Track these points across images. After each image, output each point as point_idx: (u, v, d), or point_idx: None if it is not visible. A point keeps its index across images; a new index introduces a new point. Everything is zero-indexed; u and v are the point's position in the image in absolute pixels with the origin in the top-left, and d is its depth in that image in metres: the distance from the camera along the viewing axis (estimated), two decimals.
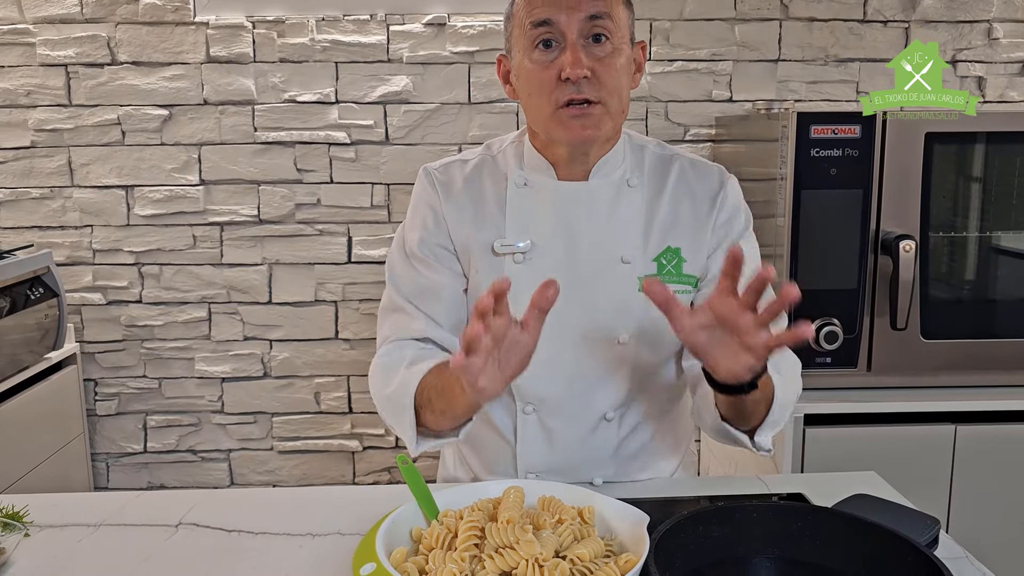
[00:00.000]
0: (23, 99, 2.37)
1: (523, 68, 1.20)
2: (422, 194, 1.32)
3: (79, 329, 2.47)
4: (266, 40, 2.36)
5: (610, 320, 1.24)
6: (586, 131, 1.18)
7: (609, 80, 1.16)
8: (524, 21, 1.18)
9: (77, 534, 1.13)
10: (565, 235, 1.25)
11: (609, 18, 1.16)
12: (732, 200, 1.29)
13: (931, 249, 1.87)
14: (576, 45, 1.15)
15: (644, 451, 1.32)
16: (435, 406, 1.13)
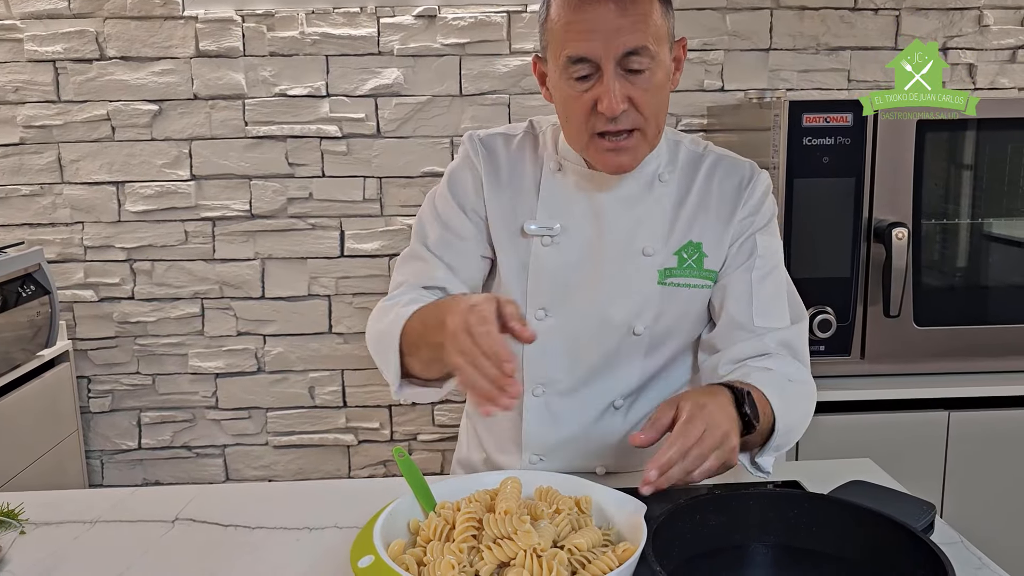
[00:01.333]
0: (11, 95, 2.35)
1: (559, 88, 1.17)
2: (465, 159, 1.31)
3: (71, 326, 2.46)
4: (256, 34, 2.34)
5: (627, 310, 1.24)
6: (622, 161, 1.18)
7: (648, 107, 1.14)
8: (560, 50, 1.14)
9: (73, 531, 1.13)
10: (593, 223, 1.25)
11: (646, 50, 1.11)
12: (759, 194, 1.27)
13: (923, 236, 1.88)
14: (612, 78, 1.11)
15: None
16: (420, 353, 1.12)
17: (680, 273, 1.25)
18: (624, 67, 1.11)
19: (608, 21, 1.09)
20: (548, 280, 1.25)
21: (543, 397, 1.28)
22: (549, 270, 1.25)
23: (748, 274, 1.23)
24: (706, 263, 1.25)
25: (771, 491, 0.95)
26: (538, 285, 1.25)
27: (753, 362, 1.18)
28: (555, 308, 1.25)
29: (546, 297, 1.25)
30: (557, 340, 1.25)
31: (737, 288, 1.23)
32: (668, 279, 1.25)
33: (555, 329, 1.25)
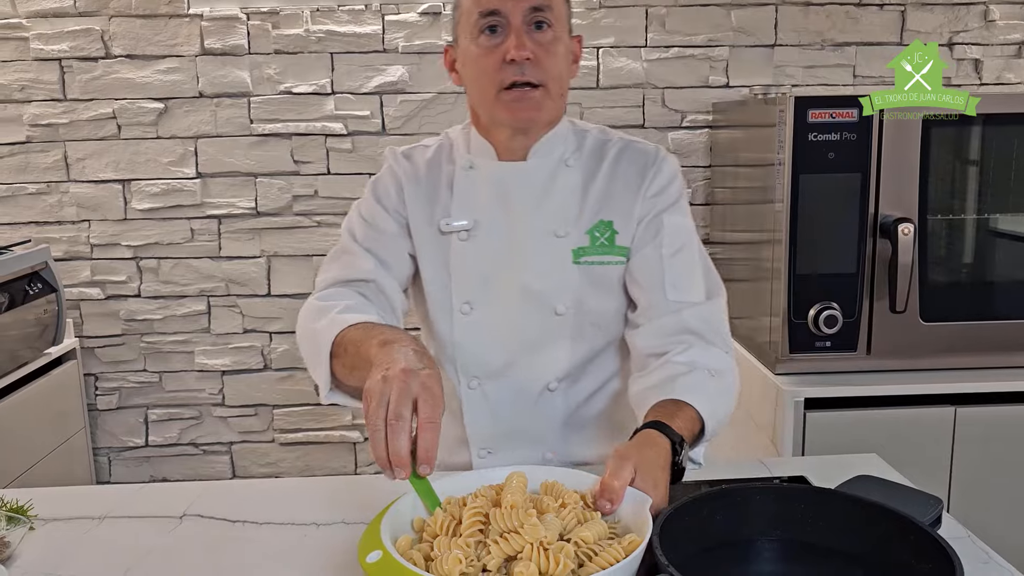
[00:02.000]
0: (17, 94, 2.36)
1: (469, 53, 1.25)
2: (387, 170, 1.38)
3: (78, 324, 2.47)
4: (261, 32, 2.35)
5: (547, 291, 1.29)
6: (527, 112, 1.24)
7: (550, 65, 1.23)
8: (472, 10, 1.23)
9: (82, 527, 1.14)
10: (505, 213, 1.31)
11: (550, 9, 1.23)
12: (665, 174, 1.32)
13: (929, 232, 1.87)
14: (520, 30, 1.21)
15: (592, 425, 1.35)
16: (347, 361, 1.11)
17: (593, 251, 1.29)
18: (529, 22, 1.21)
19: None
20: (469, 274, 1.31)
21: (478, 389, 1.33)
22: (469, 265, 1.30)
23: (657, 251, 1.28)
24: (618, 239, 1.30)
25: (778, 486, 0.95)
26: (460, 280, 1.31)
27: (676, 355, 1.21)
28: (478, 301, 1.30)
29: (469, 291, 1.30)
30: (484, 330, 1.30)
31: (647, 264, 1.28)
32: (582, 258, 1.29)
33: (481, 321, 1.30)
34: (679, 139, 2.45)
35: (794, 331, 1.86)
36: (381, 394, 0.90)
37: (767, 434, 1.96)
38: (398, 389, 0.90)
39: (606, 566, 0.80)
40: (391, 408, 0.89)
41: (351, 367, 1.10)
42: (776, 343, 1.88)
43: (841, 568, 0.88)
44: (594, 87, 2.42)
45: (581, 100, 2.42)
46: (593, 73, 2.41)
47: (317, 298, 1.27)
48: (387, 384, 0.91)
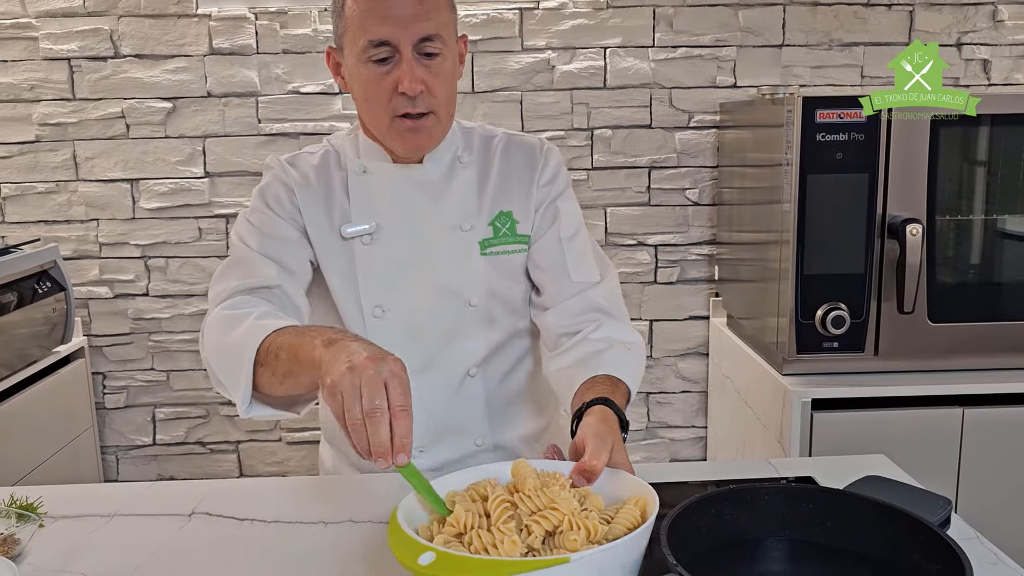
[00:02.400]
0: (27, 93, 2.37)
1: (358, 74, 1.22)
2: (274, 178, 1.33)
3: (86, 323, 2.48)
4: (269, 31, 2.35)
5: (458, 285, 1.31)
6: (419, 140, 1.25)
7: (441, 91, 1.23)
8: (359, 35, 1.19)
9: (91, 524, 1.14)
10: (406, 214, 1.31)
11: (439, 37, 1.20)
12: (552, 164, 1.37)
13: (938, 233, 1.87)
14: (411, 61, 1.19)
15: (512, 405, 1.39)
16: (279, 367, 1.04)
17: (498, 241, 1.33)
18: (420, 51, 1.20)
19: (406, 7, 1.18)
20: (377, 278, 1.30)
21: None
22: (376, 268, 1.30)
23: (556, 235, 1.34)
24: (519, 228, 1.34)
25: (787, 486, 0.95)
26: (369, 285, 1.30)
27: (591, 332, 1.28)
28: (390, 303, 1.31)
29: (379, 295, 1.30)
30: (399, 332, 1.30)
31: (549, 249, 1.34)
32: (488, 249, 1.33)
33: (395, 323, 1.31)
34: (686, 139, 2.45)
35: (801, 331, 1.85)
36: (352, 386, 0.87)
37: (774, 435, 1.96)
38: (368, 378, 0.87)
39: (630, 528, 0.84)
40: (365, 399, 0.86)
41: (284, 374, 1.03)
42: (783, 343, 1.88)
43: (849, 568, 0.88)
44: (601, 87, 2.42)
45: (588, 100, 2.42)
46: (600, 73, 2.41)
47: (223, 307, 1.19)
48: (355, 374, 0.88)
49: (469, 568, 0.75)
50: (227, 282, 1.24)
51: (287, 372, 1.03)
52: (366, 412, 0.86)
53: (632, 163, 2.45)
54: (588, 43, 2.40)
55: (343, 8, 1.22)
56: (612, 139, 2.44)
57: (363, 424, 0.86)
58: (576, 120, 2.42)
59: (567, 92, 2.41)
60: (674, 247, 2.50)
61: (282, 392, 1.08)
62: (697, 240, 2.51)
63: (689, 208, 2.49)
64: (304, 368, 1.00)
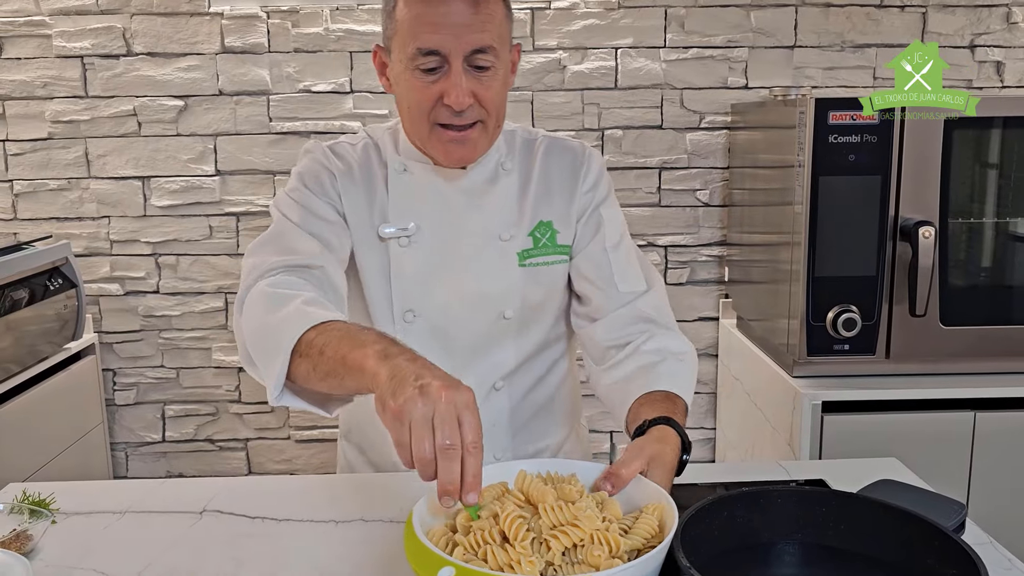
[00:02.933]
0: (40, 91, 2.38)
1: (403, 79, 1.18)
2: (315, 163, 1.28)
3: (97, 320, 2.49)
4: (280, 30, 2.36)
5: (495, 296, 1.28)
6: (463, 151, 1.21)
7: (489, 102, 1.18)
8: (409, 41, 1.14)
9: (103, 521, 1.15)
10: (446, 218, 1.28)
11: (493, 50, 1.15)
12: (595, 170, 1.34)
13: (950, 235, 1.86)
14: (460, 73, 1.14)
15: (535, 418, 1.36)
16: (322, 364, 0.97)
17: (537, 252, 1.30)
18: (471, 63, 1.15)
19: (459, 16, 1.12)
20: (410, 282, 1.26)
21: None
22: (410, 272, 1.26)
23: (601, 244, 1.30)
24: (559, 239, 1.31)
25: (800, 489, 0.94)
26: (402, 288, 1.26)
27: (643, 344, 1.23)
28: (422, 308, 1.27)
29: (411, 299, 1.27)
30: (429, 338, 1.27)
31: (595, 259, 1.30)
32: (527, 260, 1.29)
33: (425, 328, 1.27)
34: (697, 140, 2.45)
35: (812, 333, 1.85)
36: (424, 418, 0.81)
37: (784, 437, 1.95)
38: (442, 412, 0.82)
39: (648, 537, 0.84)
40: (440, 434, 0.81)
41: (327, 373, 0.97)
42: (794, 345, 1.88)
43: (862, 572, 0.88)
44: (612, 87, 2.41)
45: (599, 100, 2.42)
46: (611, 73, 2.41)
47: (266, 283, 1.12)
48: (428, 404, 0.82)
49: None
50: (266, 256, 1.17)
51: (330, 372, 0.97)
52: (439, 448, 0.81)
53: (643, 164, 2.45)
54: (599, 43, 2.39)
55: (394, 9, 1.17)
56: (623, 140, 2.43)
57: (433, 460, 0.81)
58: (587, 120, 2.42)
59: (578, 92, 2.41)
60: (684, 248, 2.50)
61: (320, 388, 1.02)
62: (707, 241, 2.51)
63: (699, 209, 2.49)
64: (352, 374, 0.94)
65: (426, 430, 0.81)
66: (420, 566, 0.77)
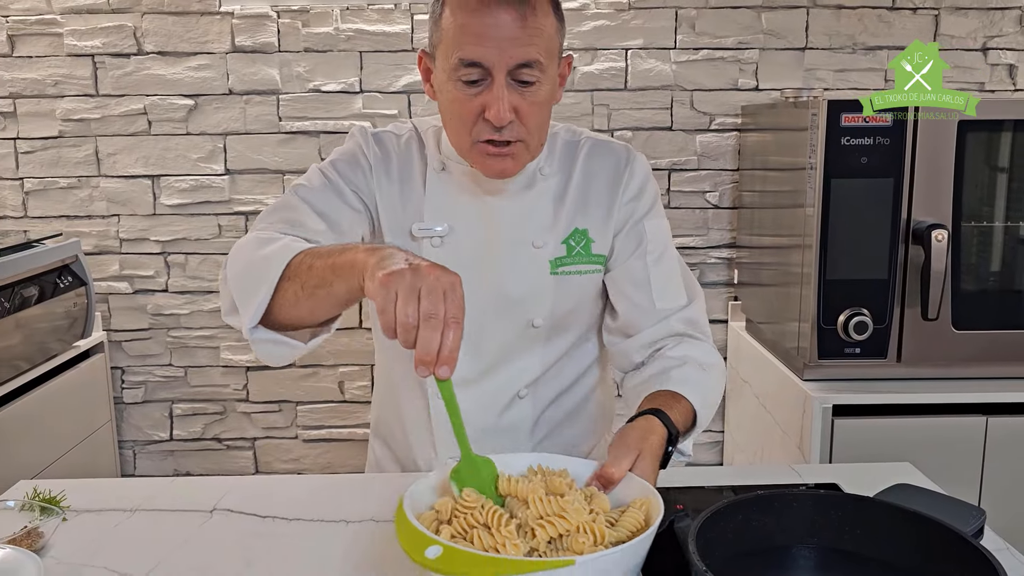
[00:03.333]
0: (51, 89, 2.38)
1: (446, 89, 1.15)
2: (356, 148, 1.28)
3: (106, 318, 2.49)
4: (291, 29, 2.36)
5: (524, 301, 1.26)
6: (502, 166, 1.18)
7: (532, 120, 1.14)
8: (452, 50, 1.12)
9: (113, 519, 1.15)
10: (480, 221, 1.26)
11: (539, 65, 1.12)
12: (638, 176, 1.30)
13: (963, 239, 1.85)
14: (503, 87, 1.10)
15: (560, 427, 1.34)
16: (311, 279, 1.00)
17: (570, 261, 1.27)
18: (514, 78, 1.11)
19: (505, 29, 1.08)
20: None
21: None
22: None
23: (642, 260, 1.26)
24: (593, 248, 1.27)
25: (816, 492, 0.94)
26: None
27: (668, 350, 1.23)
28: None
29: None
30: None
31: (634, 275, 1.27)
32: (560, 268, 1.26)
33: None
34: (707, 142, 2.44)
35: (823, 337, 1.84)
36: (411, 286, 0.83)
37: (794, 440, 1.95)
38: (430, 283, 0.84)
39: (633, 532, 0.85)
40: (425, 303, 0.83)
41: (316, 284, 0.99)
42: (805, 348, 1.87)
43: None
44: (622, 88, 2.41)
45: (609, 102, 2.41)
46: (621, 75, 2.40)
47: (257, 232, 1.16)
48: (417, 277, 0.84)
49: (474, 564, 0.76)
50: (268, 224, 1.19)
51: (319, 283, 0.99)
52: (423, 315, 0.83)
53: (652, 165, 2.41)
54: (609, 44, 2.39)
55: (440, 16, 1.14)
56: (632, 141, 2.43)
57: (416, 326, 0.83)
58: (597, 121, 2.42)
59: (588, 93, 2.41)
60: (693, 250, 2.49)
61: (303, 311, 1.03)
62: (717, 243, 2.50)
63: (709, 211, 2.48)
64: (342, 275, 0.96)
65: (412, 298, 0.83)
66: (410, 546, 0.79)
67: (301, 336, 1.10)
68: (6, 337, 1.95)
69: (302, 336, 1.11)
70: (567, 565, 0.75)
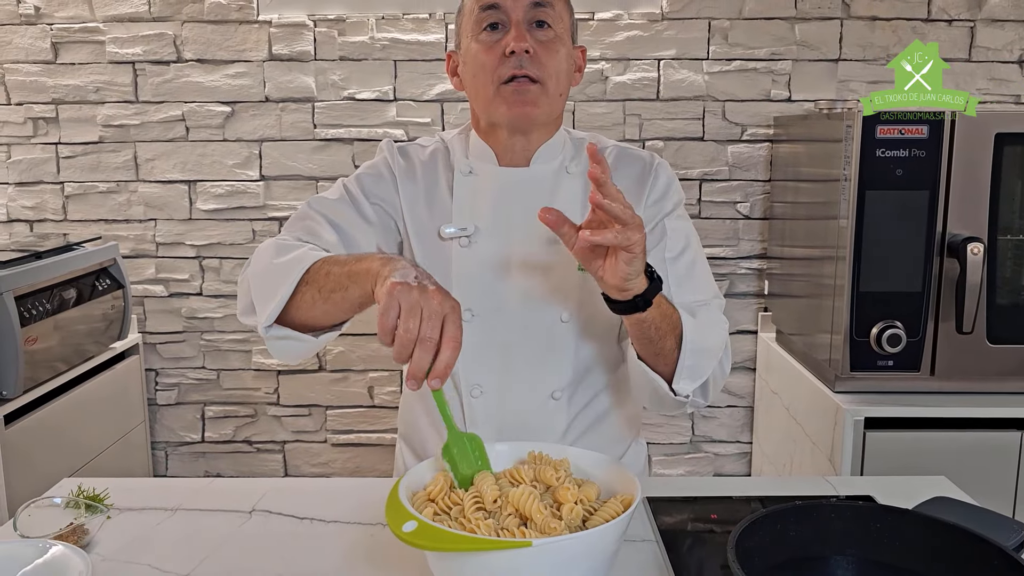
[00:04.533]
0: (92, 95, 2.43)
1: (470, 51, 1.26)
2: (382, 162, 1.36)
3: (141, 320, 2.53)
4: (327, 38, 2.39)
5: (551, 299, 1.28)
6: (525, 107, 1.24)
7: (549, 61, 1.23)
8: (474, 7, 1.25)
9: (155, 517, 1.17)
10: (507, 219, 1.29)
11: (551, 7, 1.24)
12: (662, 181, 1.33)
13: (999, 252, 1.83)
14: (520, 24, 1.22)
15: (592, 432, 1.34)
16: (327, 283, 1.07)
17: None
18: (530, 19, 1.23)
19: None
20: (471, 282, 1.28)
21: (481, 398, 1.30)
22: (470, 272, 1.28)
23: (660, 255, 1.28)
24: None
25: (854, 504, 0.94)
26: (462, 287, 1.27)
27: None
28: (481, 308, 1.28)
29: (471, 299, 1.27)
30: (487, 340, 1.28)
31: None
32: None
33: (484, 329, 1.28)
34: (739, 152, 2.44)
35: (856, 349, 1.83)
36: (415, 304, 0.91)
37: (824, 453, 1.94)
38: (433, 308, 0.91)
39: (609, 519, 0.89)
40: (424, 324, 0.90)
41: (332, 289, 1.07)
42: (837, 360, 1.86)
43: None
44: (654, 99, 2.42)
45: (641, 112, 2.42)
46: (653, 85, 2.41)
47: (277, 239, 1.23)
48: (423, 296, 0.92)
49: (441, 539, 0.83)
50: (289, 231, 1.27)
51: (335, 287, 1.07)
52: (421, 336, 0.90)
53: (683, 175, 2.45)
54: (642, 55, 2.40)
55: (462, 4, 1.29)
56: (664, 151, 2.43)
57: (413, 342, 0.90)
58: (628, 131, 2.43)
59: (620, 103, 2.42)
60: (724, 260, 2.49)
61: (319, 313, 1.10)
62: (747, 254, 2.49)
63: (740, 221, 2.48)
64: (357, 280, 1.03)
65: (414, 314, 0.90)
66: (392, 520, 0.86)
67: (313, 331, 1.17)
68: (46, 338, 1.99)
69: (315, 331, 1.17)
70: (524, 547, 0.81)
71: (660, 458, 2.59)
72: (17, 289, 1.87)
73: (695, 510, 1.17)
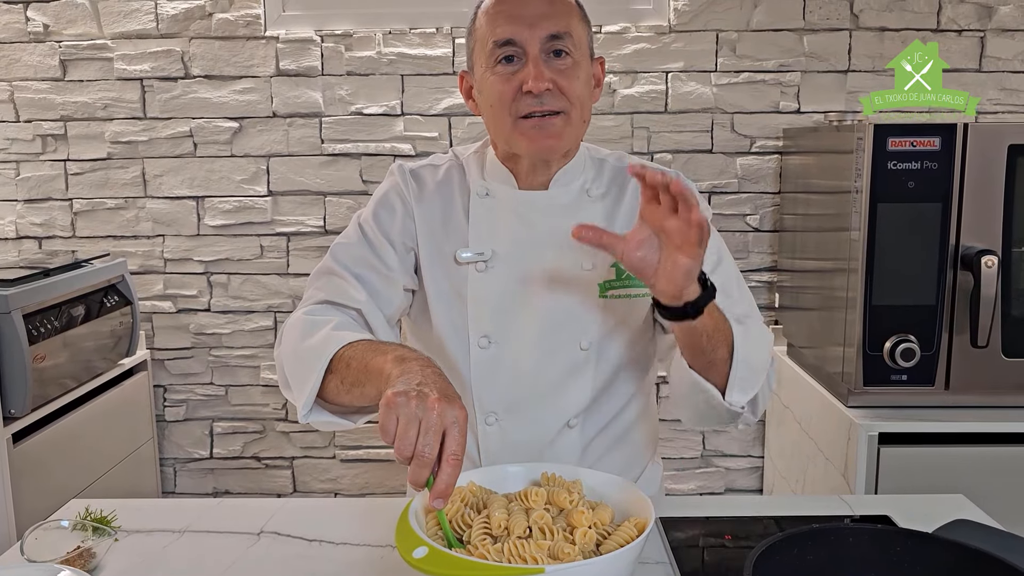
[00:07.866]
0: (100, 112, 2.44)
1: (485, 82, 1.21)
2: (394, 188, 1.32)
3: (149, 336, 2.53)
4: (334, 54, 2.39)
5: (572, 326, 1.25)
6: (548, 140, 1.20)
7: (571, 90, 1.19)
8: (487, 39, 1.20)
9: (163, 540, 1.16)
10: (526, 244, 1.26)
11: (569, 37, 1.19)
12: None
13: (1013, 264, 1.81)
14: (538, 59, 1.17)
15: (608, 456, 1.31)
16: (348, 376, 1.06)
17: (620, 284, 1.25)
18: (548, 50, 1.18)
19: (534, 7, 1.18)
20: (488, 307, 1.25)
21: (496, 424, 1.27)
22: (487, 297, 1.25)
23: None
24: None
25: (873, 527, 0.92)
26: (478, 313, 1.25)
27: None
28: (498, 334, 1.25)
29: (488, 324, 1.25)
30: (503, 366, 1.25)
31: None
32: (609, 291, 1.25)
33: (500, 355, 1.25)
34: (748, 164, 2.43)
35: (869, 363, 1.81)
36: (413, 417, 0.85)
37: (838, 468, 1.91)
38: (431, 422, 0.85)
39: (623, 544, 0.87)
40: (422, 439, 0.85)
41: (352, 383, 1.05)
42: (849, 375, 1.84)
43: None
44: (662, 111, 2.41)
45: (649, 124, 2.41)
46: (662, 97, 2.40)
47: (305, 312, 1.21)
48: (421, 406, 0.86)
49: (452, 566, 0.81)
50: (317, 290, 1.26)
51: (355, 381, 1.05)
52: (417, 452, 0.85)
53: None
54: (650, 67, 2.39)
55: (473, 25, 1.24)
56: (673, 163, 2.42)
57: (410, 457, 0.86)
58: (636, 144, 2.42)
59: (628, 116, 2.41)
60: None
61: (347, 401, 1.09)
62: (757, 267, 2.48)
63: (750, 234, 2.46)
64: (372, 379, 1.01)
65: (411, 427, 0.86)
66: (401, 546, 0.85)
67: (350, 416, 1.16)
68: (54, 356, 1.98)
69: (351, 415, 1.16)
70: (537, 573, 0.79)
71: (671, 472, 2.56)
72: (25, 307, 1.87)
73: (709, 529, 1.16)
